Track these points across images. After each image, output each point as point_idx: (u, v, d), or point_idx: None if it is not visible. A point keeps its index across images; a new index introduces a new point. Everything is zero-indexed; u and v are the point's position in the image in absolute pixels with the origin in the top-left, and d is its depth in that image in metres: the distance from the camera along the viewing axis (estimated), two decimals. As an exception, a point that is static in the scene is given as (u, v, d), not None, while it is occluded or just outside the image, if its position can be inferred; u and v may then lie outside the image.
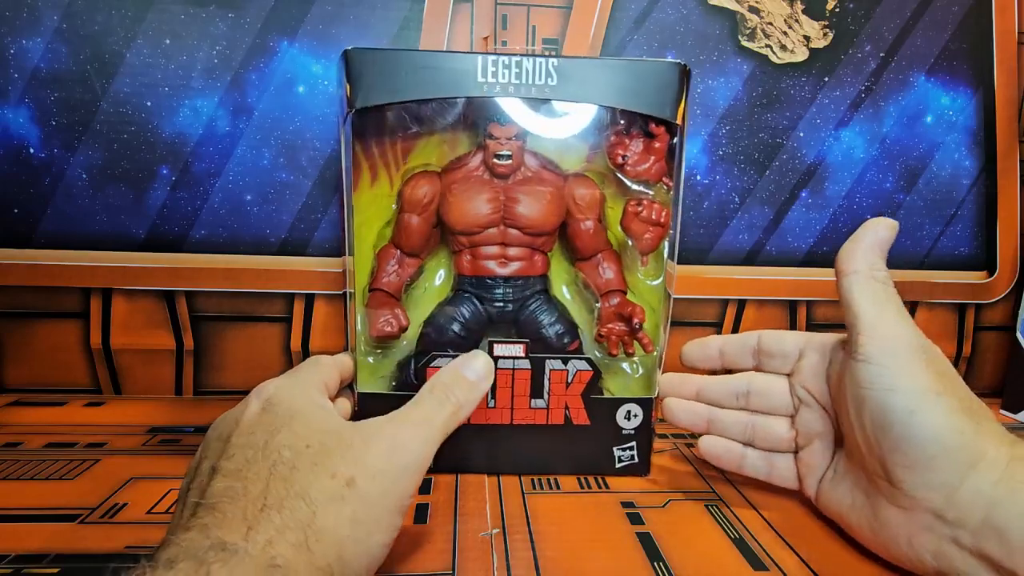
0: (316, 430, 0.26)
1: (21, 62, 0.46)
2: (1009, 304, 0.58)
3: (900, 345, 0.28)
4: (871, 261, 0.30)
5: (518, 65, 0.34)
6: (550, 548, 0.31)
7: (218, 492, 0.23)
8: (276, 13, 0.48)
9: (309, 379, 0.30)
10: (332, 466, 0.24)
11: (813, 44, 0.54)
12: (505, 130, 0.35)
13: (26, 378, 0.51)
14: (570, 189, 0.37)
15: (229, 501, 0.22)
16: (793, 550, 0.31)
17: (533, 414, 0.38)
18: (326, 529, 0.23)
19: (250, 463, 0.24)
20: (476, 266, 0.37)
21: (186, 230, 0.50)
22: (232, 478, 0.23)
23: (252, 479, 0.23)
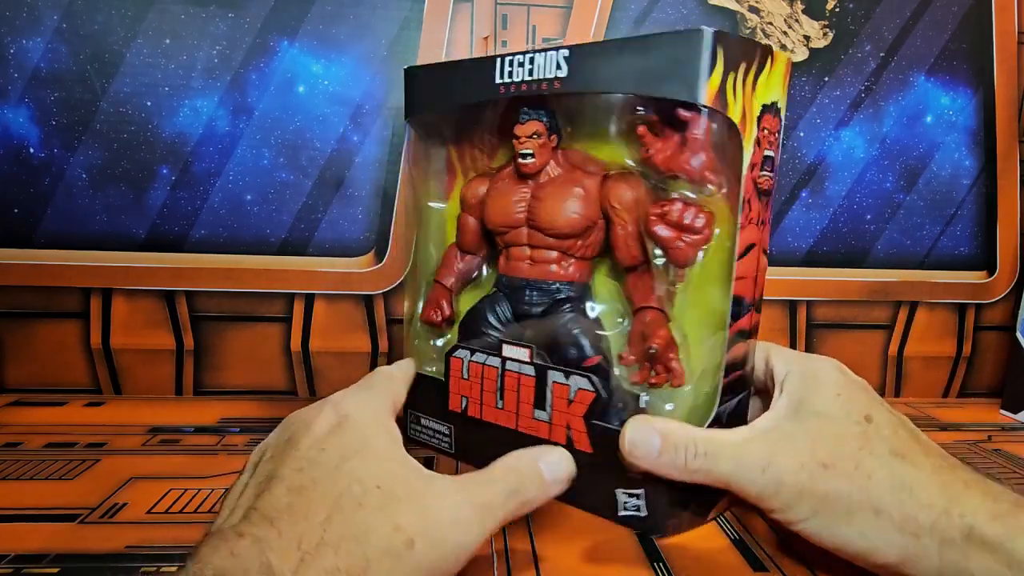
0: (388, 470, 0.25)
1: (21, 62, 0.46)
2: (1009, 304, 0.58)
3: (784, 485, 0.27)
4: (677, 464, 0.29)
5: (531, 61, 0.33)
6: (550, 548, 0.31)
7: (278, 505, 0.22)
8: (276, 13, 0.48)
9: (383, 399, 0.29)
10: (397, 517, 0.23)
11: (813, 44, 0.54)
12: (524, 129, 0.34)
13: (26, 378, 0.51)
14: (607, 190, 0.33)
15: (288, 520, 0.21)
16: (793, 550, 0.31)
17: (536, 426, 0.35)
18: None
19: (316, 483, 0.23)
20: (509, 266, 0.37)
21: (186, 230, 0.50)
22: (295, 494, 0.22)
23: (316, 503, 0.22)
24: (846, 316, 0.57)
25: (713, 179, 0.30)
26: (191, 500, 0.34)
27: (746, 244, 0.30)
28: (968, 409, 0.56)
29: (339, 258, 0.51)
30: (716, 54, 0.27)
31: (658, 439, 0.29)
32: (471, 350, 0.37)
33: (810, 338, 0.57)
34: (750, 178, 0.29)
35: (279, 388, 0.53)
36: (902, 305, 0.58)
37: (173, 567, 0.28)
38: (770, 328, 0.56)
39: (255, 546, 0.20)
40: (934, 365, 0.59)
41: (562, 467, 0.28)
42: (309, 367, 0.53)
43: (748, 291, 0.31)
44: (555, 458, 0.28)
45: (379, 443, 0.26)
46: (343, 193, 0.51)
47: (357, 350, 0.53)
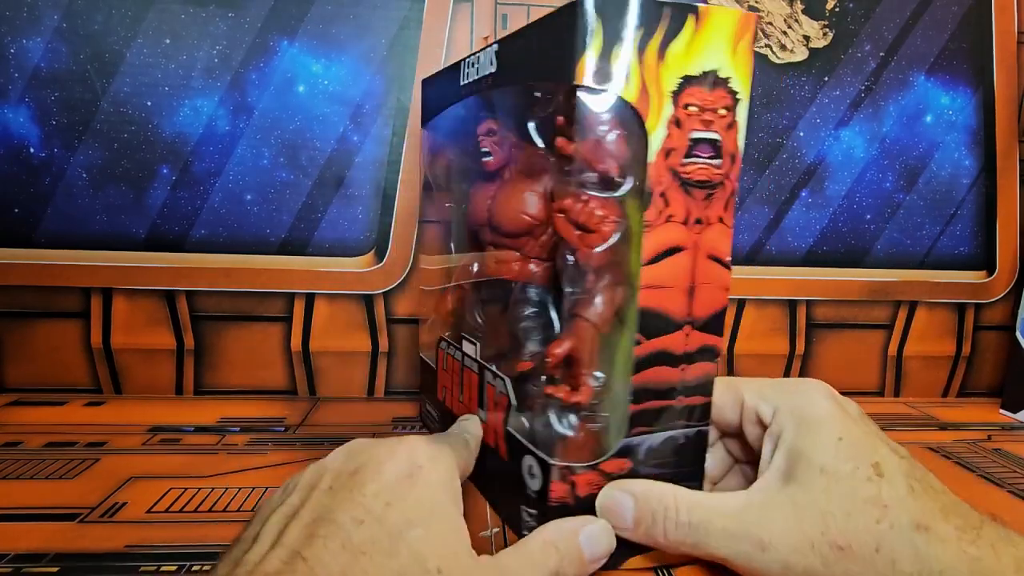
0: (449, 552, 0.23)
1: (21, 62, 0.46)
2: (1009, 304, 0.58)
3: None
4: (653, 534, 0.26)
5: (477, 60, 0.31)
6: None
7: (330, 565, 0.20)
8: (276, 13, 0.48)
9: (454, 461, 0.27)
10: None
11: (813, 44, 0.54)
12: (480, 127, 0.33)
13: (26, 378, 0.51)
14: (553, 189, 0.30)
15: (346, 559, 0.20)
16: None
17: (484, 425, 0.33)
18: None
19: (375, 547, 0.21)
20: (483, 264, 0.36)
21: (186, 230, 0.50)
22: (352, 555, 0.20)
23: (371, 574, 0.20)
24: (846, 316, 0.57)
25: (606, 168, 0.25)
26: (191, 500, 0.34)
27: (663, 247, 0.26)
28: (968, 409, 0.56)
29: (339, 258, 0.51)
30: (590, 26, 0.23)
31: (631, 502, 0.26)
32: (448, 342, 0.38)
33: (810, 338, 0.57)
34: (664, 166, 0.25)
35: (279, 388, 0.53)
36: (902, 305, 0.58)
37: (173, 567, 0.28)
38: (770, 328, 0.56)
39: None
40: (934, 365, 0.59)
41: (603, 543, 0.26)
42: (309, 367, 0.53)
43: (675, 304, 0.26)
44: (596, 531, 0.26)
45: (445, 513, 0.24)
46: (343, 193, 0.51)
47: (357, 350, 0.53)
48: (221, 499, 0.35)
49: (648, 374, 0.26)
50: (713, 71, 0.25)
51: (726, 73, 0.25)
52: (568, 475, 0.27)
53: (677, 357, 0.27)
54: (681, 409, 0.28)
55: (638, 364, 0.26)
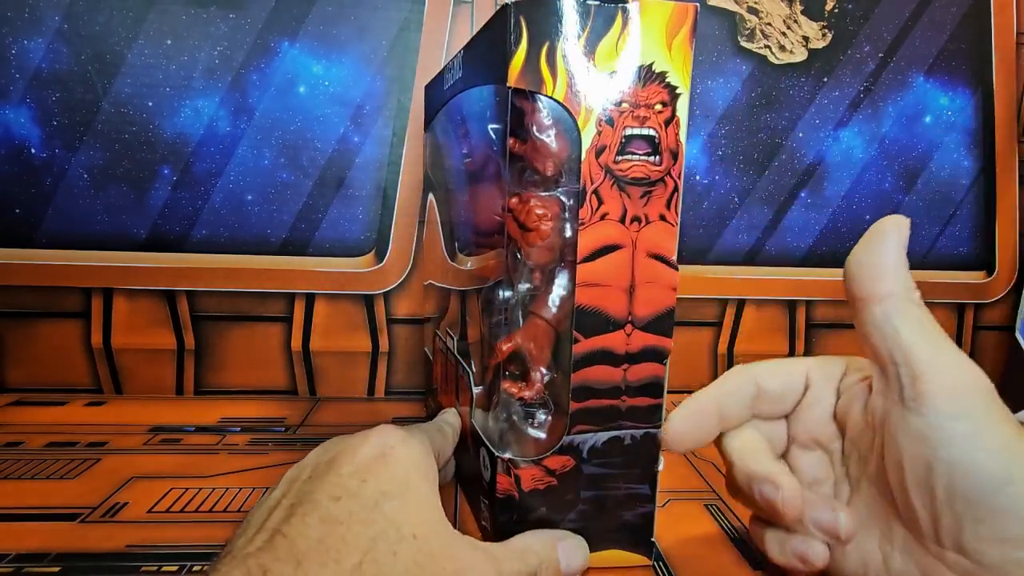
0: (425, 520, 0.23)
1: (22, 62, 0.47)
2: (1008, 304, 0.59)
3: (977, 394, 0.22)
4: (904, 280, 0.23)
5: (453, 65, 0.32)
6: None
7: (308, 535, 0.21)
8: (277, 14, 0.48)
9: (429, 444, 0.28)
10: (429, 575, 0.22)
11: (812, 45, 0.54)
12: (460, 130, 0.33)
13: (27, 378, 0.51)
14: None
15: (316, 560, 0.20)
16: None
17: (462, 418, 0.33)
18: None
19: (352, 517, 0.22)
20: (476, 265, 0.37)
21: (187, 230, 0.50)
22: (330, 525, 0.21)
23: (350, 543, 0.21)
24: (845, 316, 0.57)
25: (543, 167, 0.25)
26: (192, 500, 0.34)
27: (598, 245, 0.25)
28: (967, 409, 0.56)
29: (339, 258, 0.52)
30: (519, 27, 0.23)
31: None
32: (438, 335, 0.39)
33: (809, 338, 0.57)
34: (596, 164, 0.25)
35: (280, 388, 0.53)
36: (901, 305, 0.58)
37: (174, 567, 0.28)
38: (770, 328, 0.56)
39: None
40: (933, 365, 0.59)
41: (578, 556, 0.27)
42: (310, 367, 0.53)
43: (614, 303, 0.26)
44: (572, 545, 0.27)
45: (420, 486, 0.24)
46: (343, 193, 0.51)
47: (357, 350, 0.53)
48: (222, 499, 0.35)
49: (587, 372, 0.26)
50: (647, 66, 0.25)
51: (662, 67, 0.25)
52: (512, 468, 0.27)
53: (618, 357, 0.26)
54: (626, 410, 0.27)
55: (576, 362, 0.26)
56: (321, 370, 0.53)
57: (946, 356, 0.23)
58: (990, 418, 0.22)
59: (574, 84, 0.24)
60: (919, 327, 0.23)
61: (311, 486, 0.23)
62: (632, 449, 0.28)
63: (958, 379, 0.22)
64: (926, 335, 0.23)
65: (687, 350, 0.56)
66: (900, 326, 0.23)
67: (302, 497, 0.22)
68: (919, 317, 0.23)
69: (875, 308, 0.24)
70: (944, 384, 0.22)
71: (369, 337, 0.53)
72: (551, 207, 0.26)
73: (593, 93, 0.24)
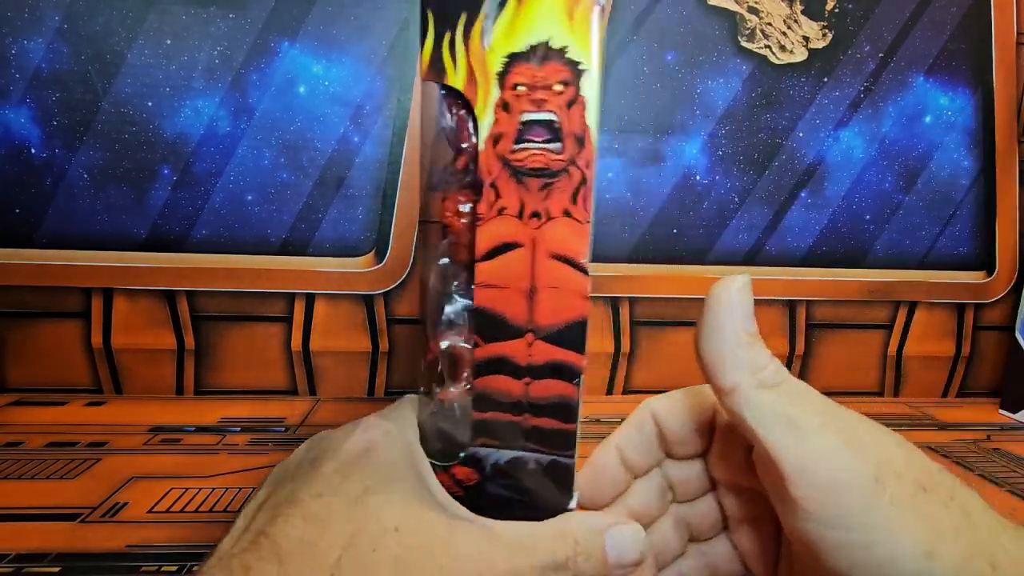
0: (410, 511, 0.22)
1: (22, 62, 0.47)
2: (1008, 304, 0.59)
3: (853, 487, 0.19)
4: (749, 363, 0.21)
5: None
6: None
7: (291, 535, 0.20)
8: (277, 14, 0.48)
9: (415, 431, 0.26)
10: (410, 570, 0.21)
11: (812, 44, 0.54)
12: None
13: (27, 378, 0.51)
14: None
15: (298, 558, 0.20)
16: (792, 549, 0.31)
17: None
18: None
19: (333, 515, 0.21)
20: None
21: (187, 230, 0.50)
22: (311, 524, 0.21)
23: (330, 541, 0.21)
24: (845, 316, 0.57)
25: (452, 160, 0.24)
26: (192, 500, 0.35)
27: (495, 242, 0.23)
28: (967, 409, 0.56)
29: (339, 258, 0.52)
30: (426, 17, 0.22)
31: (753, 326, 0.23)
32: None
33: (809, 338, 0.57)
34: (493, 155, 0.23)
35: (279, 388, 0.53)
36: (901, 305, 0.58)
37: (174, 567, 0.28)
38: (770, 329, 0.56)
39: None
40: (933, 365, 0.59)
41: (633, 550, 0.23)
42: (310, 367, 0.53)
43: (512, 308, 0.24)
44: (628, 535, 0.23)
45: (406, 478, 0.23)
46: (344, 193, 0.51)
47: (357, 350, 0.53)
48: (222, 499, 0.35)
49: (488, 380, 0.24)
50: (543, 43, 0.22)
51: (561, 43, 0.22)
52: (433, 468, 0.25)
53: (519, 368, 0.24)
54: (528, 430, 0.24)
55: (477, 368, 0.24)
56: (321, 370, 0.53)
57: (814, 443, 0.20)
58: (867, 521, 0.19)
59: (472, 70, 0.23)
60: (772, 417, 0.20)
61: (295, 485, 0.23)
62: (537, 476, 0.25)
63: (828, 475, 0.19)
64: (787, 423, 0.20)
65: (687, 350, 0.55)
66: (750, 420, 0.20)
67: (286, 496, 0.22)
68: (771, 404, 0.20)
69: (726, 401, 0.21)
70: (814, 484, 0.19)
71: (369, 337, 0.53)
72: (463, 202, 0.24)
73: (490, 78, 0.23)
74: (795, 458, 0.19)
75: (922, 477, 0.20)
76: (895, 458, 0.20)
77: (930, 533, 0.19)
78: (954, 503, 0.20)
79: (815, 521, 0.19)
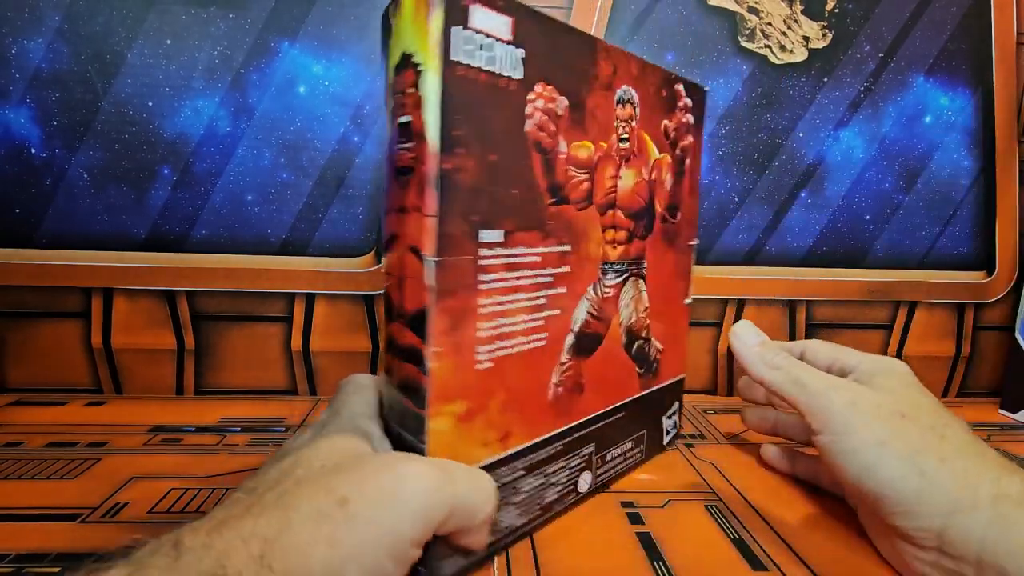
0: (338, 450, 0.24)
1: (22, 62, 0.47)
2: (1008, 304, 0.59)
3: (835, 409, 0.30)
4: (765, 358, 0.34)
5: None
6: (550, 547, 0.31)
7: (222, 504, 0.22)
8: (277, 14, 0.48)
9: (366, 404, 0.28)
10: (334, 485, 0.22)
11: (812, 45, 0.54)
12: None
13: (27, 378, 0.51)
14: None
15: (222, 509, 0.22)
16: (793, 550, 0.31)
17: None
18: (296, 545, 0.20)
19: (281, 498, 0.22)
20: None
21: (187, 230, 0.50)
22: (242, 491, 0.23)
23: (259, 493, 0.22)
24: (845, 316, 0.57)
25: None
26: (192, 500, 0.34)
27: (388, 234, 0.26)
28: (967, 409, 0.56)
29: (339, 258, 0.52)
30: (385, 47, 0.26)
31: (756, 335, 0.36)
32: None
33: (809, 338, 0.57)
34: (386, 157, 0.26)
35: (280, 388, 0.53)
36: (901, 305, 0.58)
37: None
38: (770, 328, 0.56)
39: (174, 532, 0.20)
40: (933, 365, 0.59)
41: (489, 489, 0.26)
42: (310, 367, 0.53)
43: (394, 295, 0.26)
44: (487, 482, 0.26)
45: (341, 435, 0.25)
46: (344, 193, 0.51)
47: (358, 350, 0.53)
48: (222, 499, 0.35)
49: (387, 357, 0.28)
50: (408, 54, 0.24)
51: (411, 49, 0.24)
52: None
53: (397, 348, 0.26)
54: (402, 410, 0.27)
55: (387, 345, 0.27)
56: (321, 370, 0.53)
57: (813, 388, 0.31)
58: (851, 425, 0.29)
59: (386, 81, 0.26)
60: (788, 381, 0.33)
61: (250, 483, 0.24)
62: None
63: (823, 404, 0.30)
64: (795, 382, 0.32)
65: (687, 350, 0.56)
66: (780, 388, 0.33)
67: (241, 497, 0.23)
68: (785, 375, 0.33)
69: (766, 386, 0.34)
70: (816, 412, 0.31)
71: (369, 337, 0.53)
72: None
73: (389, 88, 0.26)
74: (806, 400, 0.31)
75: (907, 411, 0.29)
76: (874, 397, 0.30)
77: (889, 434, 0.28)
78: (932, 431, 0.29)
79: (817, 431, 0.30)
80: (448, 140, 0.23)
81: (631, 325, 0.37)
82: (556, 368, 0.31)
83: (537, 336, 0.29)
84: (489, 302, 0.26)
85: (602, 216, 0.32)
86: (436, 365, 0.24)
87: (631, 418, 0.37)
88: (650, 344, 0.38)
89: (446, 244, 0.24)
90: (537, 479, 0.30)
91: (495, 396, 0.27)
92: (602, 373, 0.34)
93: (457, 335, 0.25)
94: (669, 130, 0.37)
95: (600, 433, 0.34)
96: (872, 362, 0.33)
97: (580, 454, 0.33)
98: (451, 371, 0.25)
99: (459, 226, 0.24)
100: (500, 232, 0.26)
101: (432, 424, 0.25)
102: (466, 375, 0.26)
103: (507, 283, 0.27)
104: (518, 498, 0.29)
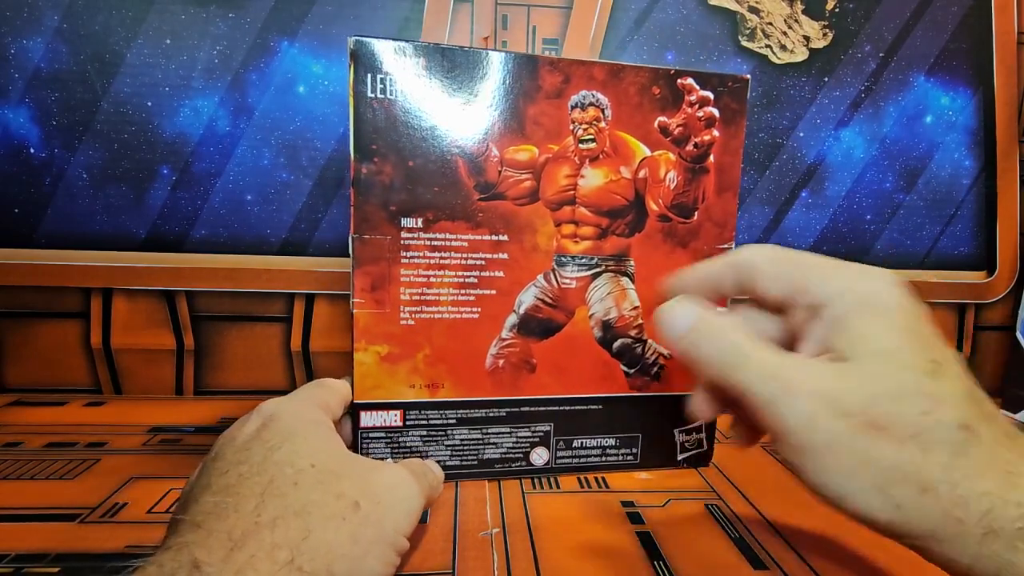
0: (319, 449, 0.26)
1: (22, 62, 0.47)
2: (1009, 304, 0.58)
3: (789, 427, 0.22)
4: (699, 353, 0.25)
5: None
6: (550, 547, 0.31)
7: (205, 509, 0.22)
8: (277, 13, 0.48)
9: (310, 398, 0.30)
10: (338, 487, 0.24)
11: (813, 44, 0.54)
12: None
13: (27, 378, 0.51)
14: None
15: (216, 518, 0.21)
16: (793, 550, 0.31)
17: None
18: (321, 546, 0.22)
19: (244, 479, 0.23)
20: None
21: (187, 230, 0.50)
22: (223, 494, 0.22)
23: (245, 495, 0.22)
24: (846, 316, 0.57)
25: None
26: (191, 500, 0.34)
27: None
28: (968, 409, 0.56)
29: (339, 258, 0.51)
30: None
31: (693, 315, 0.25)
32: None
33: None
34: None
35: (279, 388, 0.53)
36: (902, 305, 0.58)
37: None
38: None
39: (180, 552, 0.20)
40: (934, 365, 0.59)
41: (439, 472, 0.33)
42: (309, 367, 0.53)
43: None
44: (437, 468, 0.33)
45: (307, 430, 0.26)
46: (343, 193, 0.51)
47: (357, 350, 0.53)
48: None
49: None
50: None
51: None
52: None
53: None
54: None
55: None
56: (321, 370, 0.53)
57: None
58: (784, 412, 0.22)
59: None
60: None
61: (203, 481, 0.24)
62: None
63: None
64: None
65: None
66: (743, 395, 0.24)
67: (195, 489, 0.24)
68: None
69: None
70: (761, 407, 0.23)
71: (369, 337, 0.53)
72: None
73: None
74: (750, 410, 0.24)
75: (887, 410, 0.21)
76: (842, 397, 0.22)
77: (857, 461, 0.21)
78: (915, 442, 0.21)
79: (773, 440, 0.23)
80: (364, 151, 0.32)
81: (609, 320, 0.37)
82: (496, 342, 0.35)
83: (468, 309, 0.35)
84: (412, 273, 0.34)
85: (555, 211, 0.35)
86: (358, 312, 0.33)
87: (614, 415, 0.38)
88: (644, 345, 0.38)
89: (363, 226, 0.33)
90: (473, 433, 0.36)
91: (421, 349, 0.34)
92: (561, 360, 0.37)
93: (379, 294, 0.33)
94: (669, 127, 0.36)
95: (563, 417, 0.37)
96: (851, 296, 0.23)
97: (533, 429, 0.37)
98: (374, 320, 0.33)
99: (377, 213, 0.33)
100: (420, 219, 0.33)
101: (357, 356, 0.34)
102: (390, 327, 0.34)
103: (431, 260, 0.34)
104: (450, 442, 0.36)
